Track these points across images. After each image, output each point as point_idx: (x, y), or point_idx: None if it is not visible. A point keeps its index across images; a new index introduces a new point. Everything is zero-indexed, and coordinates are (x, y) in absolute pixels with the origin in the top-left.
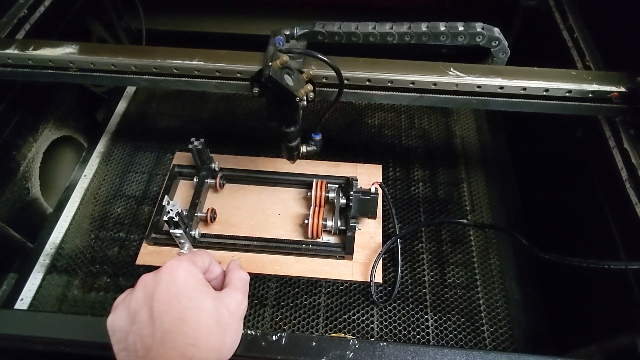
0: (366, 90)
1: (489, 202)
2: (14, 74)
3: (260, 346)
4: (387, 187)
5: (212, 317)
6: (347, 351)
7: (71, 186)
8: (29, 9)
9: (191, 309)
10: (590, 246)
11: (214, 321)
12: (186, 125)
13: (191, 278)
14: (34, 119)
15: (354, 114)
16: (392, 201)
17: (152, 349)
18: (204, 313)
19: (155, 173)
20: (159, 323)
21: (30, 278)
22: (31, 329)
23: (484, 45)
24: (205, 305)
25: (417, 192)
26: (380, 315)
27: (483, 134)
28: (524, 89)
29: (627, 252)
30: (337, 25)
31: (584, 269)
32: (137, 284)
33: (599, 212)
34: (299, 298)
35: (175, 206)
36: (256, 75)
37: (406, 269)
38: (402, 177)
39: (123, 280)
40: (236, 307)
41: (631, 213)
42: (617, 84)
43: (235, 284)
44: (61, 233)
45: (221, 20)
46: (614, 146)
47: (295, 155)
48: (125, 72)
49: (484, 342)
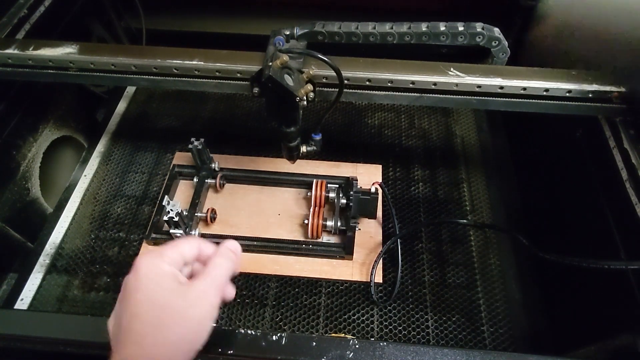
0: (366, 90)
1: (489, 202)
2: (14, 74)
3: (260, 346)
4: (387, 187)
5: (164, 311)
6: (347, 351)
7: (71, 186)
8: (29, 9)
9: (144, 304)
10: (590, 246)
11: (167, 315)
12: (186, 125)
13: (152, 272)
14: (34, 119)
15: (354, 114)
16: (392, 201)
17: (115, 349)
18: (156, 307)
19: (155, 173)
20: (120, 320)
21: (30, 278)
22: (31, 329)
23: (484, 45)
24: (158, 299)
25: (417, 192)
26: (380, 315)
27: (483, 134)
28: (524, 89)
29: (627, 252)
30: (337, 25)
31: (584, 269)
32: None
33: (599, 212)
34: (299, 298)
35: (175, 206)
36: (256, 75)
37: (406, 269)
38: (402, 177)
39: (123, 280)
40: (196, 298)
41: (631, 213)
42: (617, 84)
43: (206, 273)
44: (61, 233)
45: (221, 20)
46: (614, 146)
47: (295, 155)
48: (125, 72)
49: (484, 342)
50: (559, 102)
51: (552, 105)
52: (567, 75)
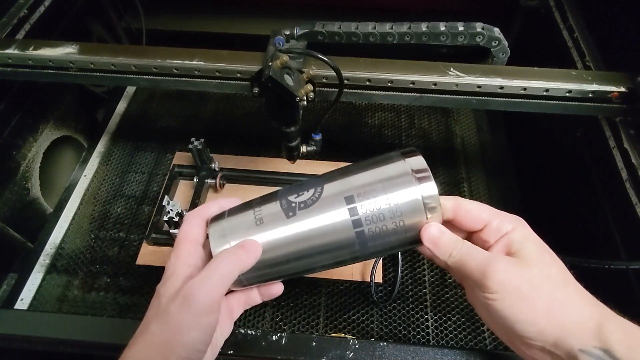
0: (366, 90)
1: (489, 202)
2: (14, 74)
3: (260, 346)
4: None
5: (152, 305)
6: (347, 351)
7: (71, 186)
8: (29, 9)
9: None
10: (590, 246)
11: (154, 309)
12: (186, 125)
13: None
14: (34, 119)
15: (354, 114)
16: None
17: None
18: (152, 300)
19: (155, 173)
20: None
21: (30, 278)
22: (31, 329)
23: (484, 45)
24: (157, 289)
25: None
26: (380, 315)
27: (483, 134)
28: (524, 89)
29: (627, 252)
30: (337, 25)
31: (584, 269)
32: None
33: (599, 212)
34: (299, 298)
35: (175, 206)
36: (256, 75)
37: (406, 269)
38: None
39: (123, 280)
40: (173, 294)
41: (631, 213)
42: (617, 84)
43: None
44: (61, 233)
45: (221, 20)
46: (614, 146)
47: (295, 155)
48: (125, 72)
49: (484, 342)
50: (559, 102)
51: (552, 105)
52: (567, 75)
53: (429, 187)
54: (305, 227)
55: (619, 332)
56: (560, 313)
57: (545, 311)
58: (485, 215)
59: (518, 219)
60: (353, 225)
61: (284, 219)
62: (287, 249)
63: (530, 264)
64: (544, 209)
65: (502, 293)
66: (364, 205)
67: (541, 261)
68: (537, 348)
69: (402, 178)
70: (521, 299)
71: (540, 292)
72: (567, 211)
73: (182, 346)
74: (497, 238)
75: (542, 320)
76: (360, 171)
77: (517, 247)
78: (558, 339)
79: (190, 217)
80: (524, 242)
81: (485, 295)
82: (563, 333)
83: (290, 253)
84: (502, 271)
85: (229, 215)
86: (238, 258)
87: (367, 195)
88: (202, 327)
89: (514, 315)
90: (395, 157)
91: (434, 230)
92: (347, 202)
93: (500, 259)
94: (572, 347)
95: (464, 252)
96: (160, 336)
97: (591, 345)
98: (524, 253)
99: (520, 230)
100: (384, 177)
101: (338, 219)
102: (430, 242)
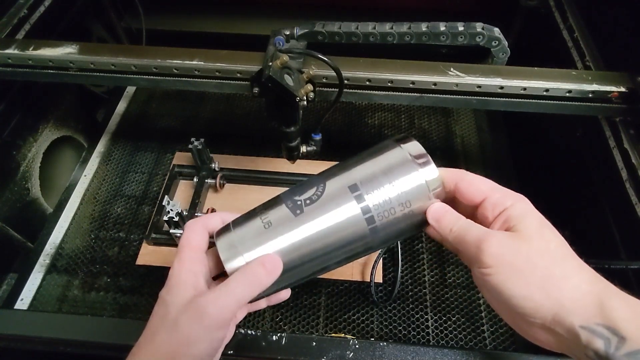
0: (366, 90)
1: None
2: (14, 74)
3: (260, 346)
4: None
5: (157, 312)
6: (347, 351)
7: (71, 186)
8: (29, 9)
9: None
10: (590, 246)
11: (159, 318)
12: (186, 125)
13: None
14: (34, 119)
15: (354, 114)
16: None
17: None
18: (156, 307)
19: (155, 173)
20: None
21: (30, 278)
22: (31, 329)
23: (484, 45)
24: (160, 296)
25: None
26: (380, 315)
27: (483, 134)
28: (524, 89)
29: (627, 252)
30: (337, 25)
31: None
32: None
33: (599, 212)
34: (299, 298)
35: (175, 206)
36: (256, 75)
37: (406, 269)
38: None
39: (123, 280)
40: (183, 304)
41: (631, 213)
42: (617, 84)
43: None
44: (61, 233)
45: (221, 20)
46: (614, 146)
47: (295, 155)
48: (125, 72)
49: (484, 342)
50: (559, 102)
51: (552, 105)
52: (567, 75)
53: (430, 170)
54: (316, 220)
55: (624, 308)
56: (556, 288)
57: (541, 286)
58: (484, 188)
59: (519, 196)
60: (362, 212)
61: (292, 218)
62: (301, 248)
63: (527, 239)
64: (544, 209)
65: (496, 267)
66: (370, 193)
67: (540, 236)
68: (538, 326)
69: (404, 165)
70: (515, 273)
71: (535, 266)
72: (567, 211)
73: (189, 358)
74: (496, 214)
75: (537, 295)
76: (359, 163)
77: (515, 222)
78: (556, 315)
79: (192, 224)
80: (523, 217)
81: (480, 270)
82: (561, 309)
83: (304, 251)
84: (496, 245)
85: (235, 226)
86: (258, 279)
87: (371, 184)
88: (211, 340)
89: (509, 290)
90: (391, 145)
91: (438, 207)
92: (351, 191)
93: (495, 234)
94: (572, 323)
95: (462, 226)
96: (167, 346)
97: (593, 322)
98: (521, 228)
99: (519, 205)
100: (385, 166)
101: (346, 208)
102: (434, 219)
